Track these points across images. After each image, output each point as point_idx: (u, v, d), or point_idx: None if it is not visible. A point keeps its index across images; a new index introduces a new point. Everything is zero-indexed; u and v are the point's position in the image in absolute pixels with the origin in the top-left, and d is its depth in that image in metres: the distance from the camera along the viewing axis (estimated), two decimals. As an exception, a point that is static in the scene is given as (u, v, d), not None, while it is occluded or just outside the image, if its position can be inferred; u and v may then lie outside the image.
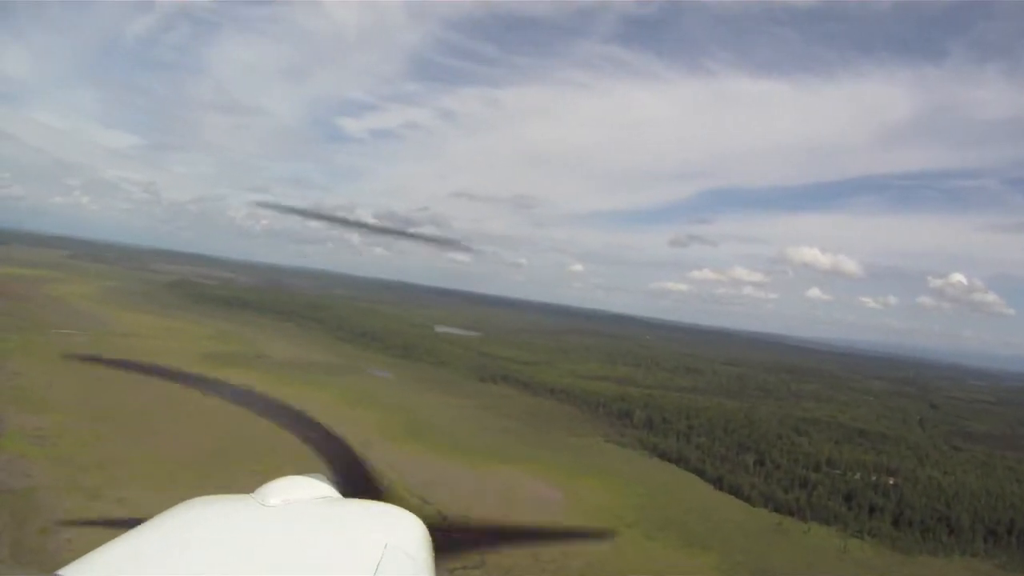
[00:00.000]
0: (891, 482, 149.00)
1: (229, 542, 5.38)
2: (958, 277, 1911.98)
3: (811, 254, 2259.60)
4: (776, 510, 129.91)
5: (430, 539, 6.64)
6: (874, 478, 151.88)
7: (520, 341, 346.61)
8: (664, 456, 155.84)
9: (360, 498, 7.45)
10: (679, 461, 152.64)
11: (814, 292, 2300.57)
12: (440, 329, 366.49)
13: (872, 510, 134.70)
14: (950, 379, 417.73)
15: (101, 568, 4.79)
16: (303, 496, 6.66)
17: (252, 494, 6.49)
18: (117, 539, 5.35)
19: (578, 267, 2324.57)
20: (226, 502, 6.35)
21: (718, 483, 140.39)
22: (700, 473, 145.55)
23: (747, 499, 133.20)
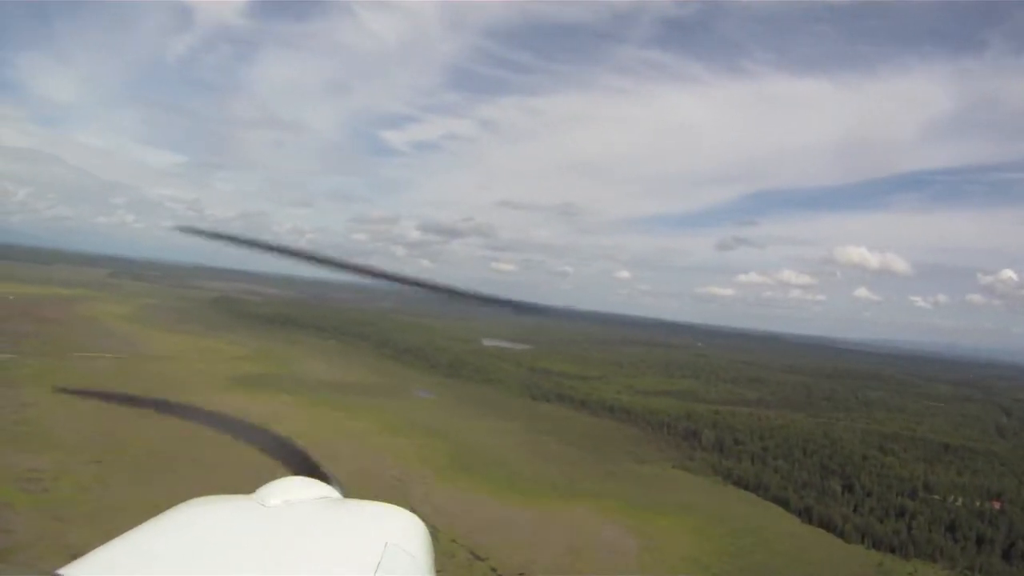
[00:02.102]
0: (996, 507, 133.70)
1: (229, 542, 5.21)
2: (1009, 273, 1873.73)
3: (859, 254, 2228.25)
4: (874, 546, 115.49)
5: (430, 539, 6.31)
6: (977, 503, 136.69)
7: (572, 353, 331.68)
8: (740, 483, 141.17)
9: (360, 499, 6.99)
10: (758, 489, 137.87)
11: (862, 292, 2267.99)
12: (488, 342, 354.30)
13: (980, 541, 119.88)
14: (1010, 379, 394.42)
15: (101, 568, 4.65)
16: (303, 496, 6.39)
17: (252, 494, 6.19)
18: (117, 539, 5.11)
19: (624, 274, 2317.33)
20: (226, 502, 6.07)
21: (805, 515, 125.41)
22: (783, 503, 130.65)
23: (840, 534, 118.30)
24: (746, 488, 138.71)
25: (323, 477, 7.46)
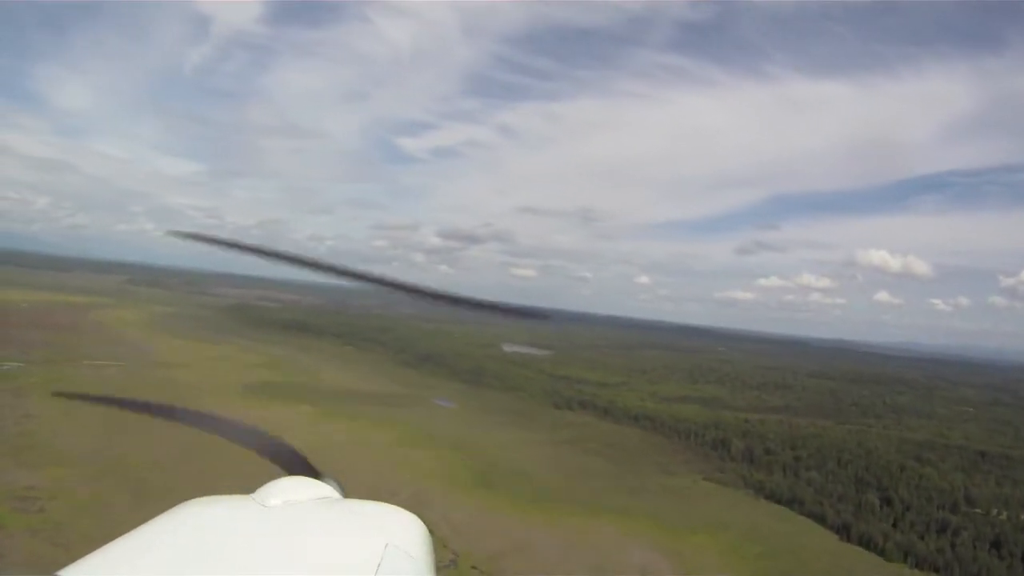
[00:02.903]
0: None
1: (229, 542, 5.14)
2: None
3: (879, 257, 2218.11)
4: (917, 565, 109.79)
5: (430, 539, 6.23)
6: (1022, 516, 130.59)
7: (593, 359, 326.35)
8: (774, 497, 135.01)
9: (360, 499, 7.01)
10: (792, 503, 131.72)
11: (882, 295, 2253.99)
12: (508, 348, 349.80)
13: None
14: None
15: (101, 568, 4.64)
16: (303, 497, 6.31)
17: (252, 495, 6.09)
18: (117, 539, 5.08)
19: (644, 278, 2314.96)
20: (226, 503, 5.99)
21: (843, 532, 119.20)
22: (820, 519, 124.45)
23: (881, 552, 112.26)
24: (779, 502, 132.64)
25: (321, 478, 7.30)
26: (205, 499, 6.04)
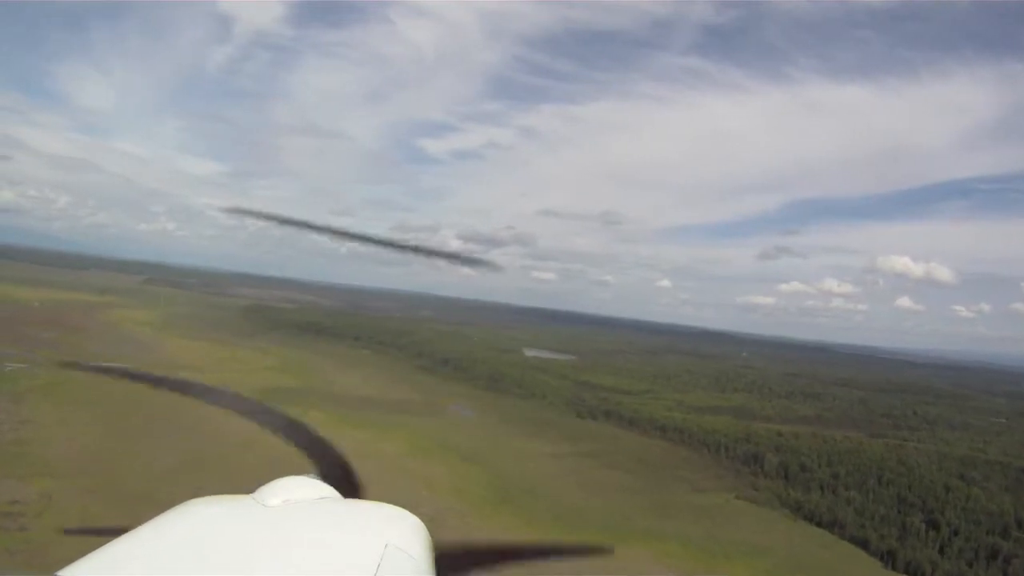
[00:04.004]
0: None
1: (229, 542, 5.23)
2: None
3: (902, 263, 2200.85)
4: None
5: (430, 539, 6.38)
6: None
7: (617, 365, 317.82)
8: (812, 518, 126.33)
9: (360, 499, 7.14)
10: (833, 526, 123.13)
11: (904, 302, 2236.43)
12: (530, 353, 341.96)
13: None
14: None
15: (101, 568, 4.74)
16: (303, 496, 6.41)
17: (252, 495, 6.23)
18: (117, 539, 5.20)
19: (665, 283, 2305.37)
20: (226, 503, 6.11)
21: (888, 559, 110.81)
22: (863, 544, 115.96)
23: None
24: (819, 524, 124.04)
25: (323, 476, 7.37)
26: (205, 499, 5.99)
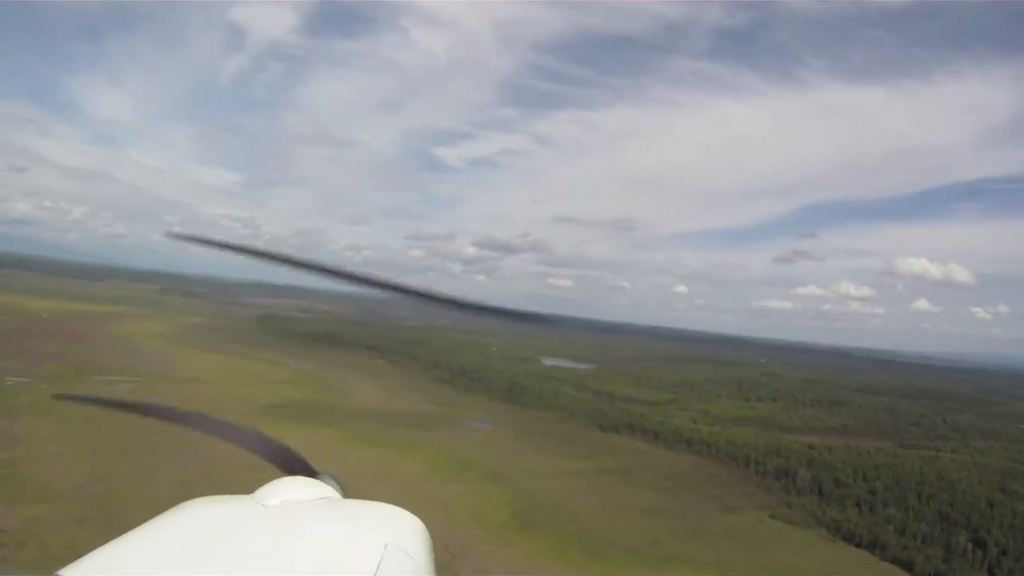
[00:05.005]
0: None
1: (229, 543, 5.13)
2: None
3: (920, 265, 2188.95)
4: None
5: (430, 539, 6.22)
6: None
7: (637, 374, 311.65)
8: (851, 539, 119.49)
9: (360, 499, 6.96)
10: (874, 547, 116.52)
11: (921, 304, 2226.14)
12: (548, 362, 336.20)
13: None
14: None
15: (101, 568, 4.64)
16: (303, 496, 6.31)
17: (252, 495, 6.14)
18: (117, 539, 5.06)
19: (681, 288, 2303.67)
20: (225, 503, 5.98)
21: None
22: (907, 566, 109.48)
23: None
24: (858, 545, 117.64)
25: (321, 477, 7.42)
26: (205, 499, 5.93)
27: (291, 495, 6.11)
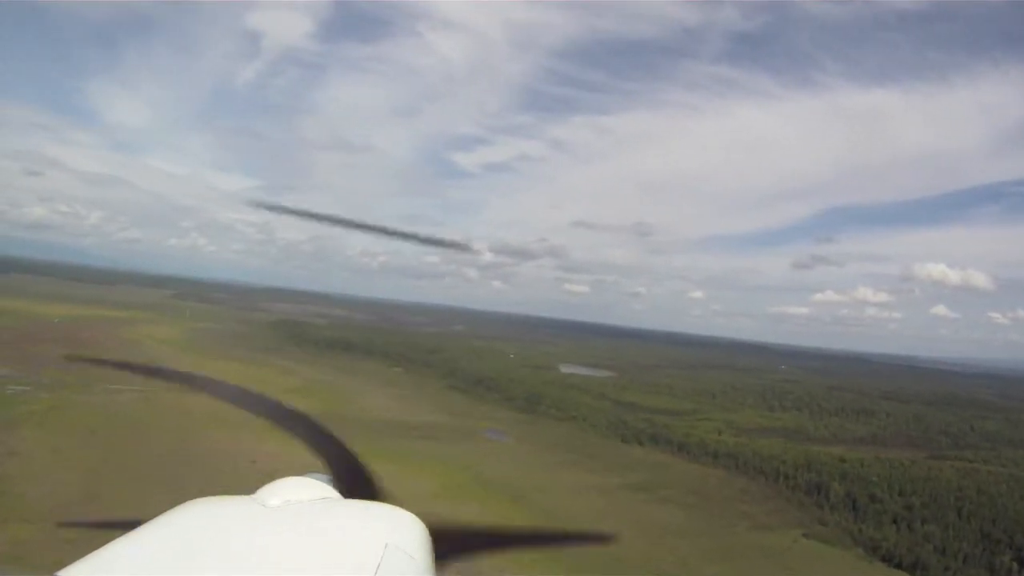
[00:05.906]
0: None
1: (229, 543, 5.22)
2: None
3: (939, 270, 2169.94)
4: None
5: (430, 539, 6.32)
6: None
7: (657, 382, 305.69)
8: (890, 559, 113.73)
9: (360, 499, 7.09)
10: (914, 568, 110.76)
11: (940, 310, 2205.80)
12: (566, 369, 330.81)
13: None
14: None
15: (101, 568, 4.76)
16: (303, 497, 6.35)
17: (252, 495, 6.18)
18: (117, 540, 5.20)
19: (698, 294, 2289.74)
20: (226, 503, 6.08)
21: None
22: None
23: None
24: (898, 566, 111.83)
25: (323, 475, 7.49)
26: (205, 499, 5.98)
27: (292, 495, 6.03)
